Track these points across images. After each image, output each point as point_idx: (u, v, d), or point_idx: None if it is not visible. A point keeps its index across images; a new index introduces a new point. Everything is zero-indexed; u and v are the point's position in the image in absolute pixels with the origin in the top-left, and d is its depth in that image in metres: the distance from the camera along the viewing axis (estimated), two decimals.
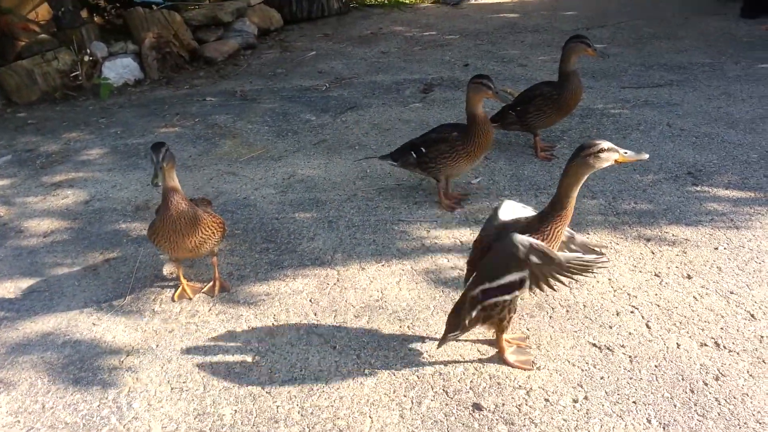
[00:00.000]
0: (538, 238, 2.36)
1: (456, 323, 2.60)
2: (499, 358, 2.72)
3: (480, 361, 2.72)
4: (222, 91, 6.71)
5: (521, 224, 2.49)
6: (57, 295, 3.39)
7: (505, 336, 2.71)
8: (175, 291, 3.31)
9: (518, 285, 2.39)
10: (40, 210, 4.37)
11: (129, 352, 2.92)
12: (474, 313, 2.52)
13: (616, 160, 2.36)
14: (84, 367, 2.85)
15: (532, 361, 2.70)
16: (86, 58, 6.93)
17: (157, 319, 3.14)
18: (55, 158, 5.25)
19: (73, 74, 6.86)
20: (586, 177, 2.39)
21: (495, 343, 2.76)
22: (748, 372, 2.56)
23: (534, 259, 2.29)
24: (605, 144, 2.32)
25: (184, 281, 3.33)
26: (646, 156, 2.40)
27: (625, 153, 2.37)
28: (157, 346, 2.95)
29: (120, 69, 7.09)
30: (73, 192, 4.60)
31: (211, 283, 3.33)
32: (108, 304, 3.28)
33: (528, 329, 2.89)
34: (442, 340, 2.69)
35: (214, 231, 3.10)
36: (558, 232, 2.43)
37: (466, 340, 2.83)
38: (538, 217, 2.48)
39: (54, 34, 7.06)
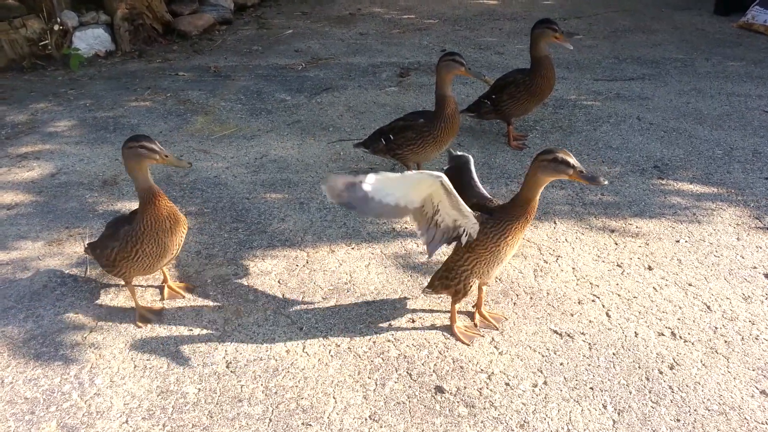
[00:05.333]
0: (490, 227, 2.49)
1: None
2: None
3: (444, 345, 2.76)
4: (195, 67, 6.60)
5: (489, 206, 2.62)
6: (20, 269, 3.33)
7: (482, 310, 2.89)
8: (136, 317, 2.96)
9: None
10: (4, 182, 4.26)
11: (92, 328, 2.89)
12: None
13: (569, 175, 2.36)
14: (46, 342, 2.81)
15: (474, 339, 2.78)
16: (56, 27, 6.72)
17: (121, 295, 3.11)
18: (22, 129, 5.12)
19: (42, 43, 6.66)
20: (545, 181, 2.45)
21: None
22: (701, 362, 2.65)
23: None
24: (560, 155, 2.34)
25: (139, 302, 3.00)
26: (605, 182, 2.38)
27: (581, 173, 2.34)
28: (122, 322, 2.93)
29: (91, 40, 6.91)
30: (39, 164, 4.51)
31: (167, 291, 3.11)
32: (72, 279, 3.24)
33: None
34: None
35: (183, 231, 2.89)
36: (513, 230, 2.50)
37: (431, 327, 2.88)
38: (501, 208, 2.57)
39: (22, 1, 6.84)
